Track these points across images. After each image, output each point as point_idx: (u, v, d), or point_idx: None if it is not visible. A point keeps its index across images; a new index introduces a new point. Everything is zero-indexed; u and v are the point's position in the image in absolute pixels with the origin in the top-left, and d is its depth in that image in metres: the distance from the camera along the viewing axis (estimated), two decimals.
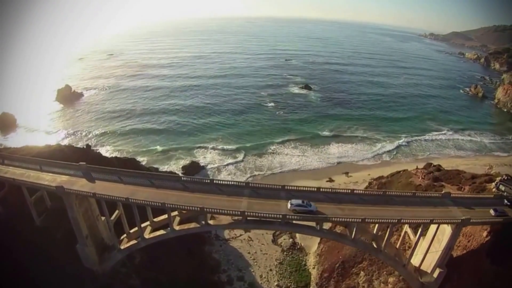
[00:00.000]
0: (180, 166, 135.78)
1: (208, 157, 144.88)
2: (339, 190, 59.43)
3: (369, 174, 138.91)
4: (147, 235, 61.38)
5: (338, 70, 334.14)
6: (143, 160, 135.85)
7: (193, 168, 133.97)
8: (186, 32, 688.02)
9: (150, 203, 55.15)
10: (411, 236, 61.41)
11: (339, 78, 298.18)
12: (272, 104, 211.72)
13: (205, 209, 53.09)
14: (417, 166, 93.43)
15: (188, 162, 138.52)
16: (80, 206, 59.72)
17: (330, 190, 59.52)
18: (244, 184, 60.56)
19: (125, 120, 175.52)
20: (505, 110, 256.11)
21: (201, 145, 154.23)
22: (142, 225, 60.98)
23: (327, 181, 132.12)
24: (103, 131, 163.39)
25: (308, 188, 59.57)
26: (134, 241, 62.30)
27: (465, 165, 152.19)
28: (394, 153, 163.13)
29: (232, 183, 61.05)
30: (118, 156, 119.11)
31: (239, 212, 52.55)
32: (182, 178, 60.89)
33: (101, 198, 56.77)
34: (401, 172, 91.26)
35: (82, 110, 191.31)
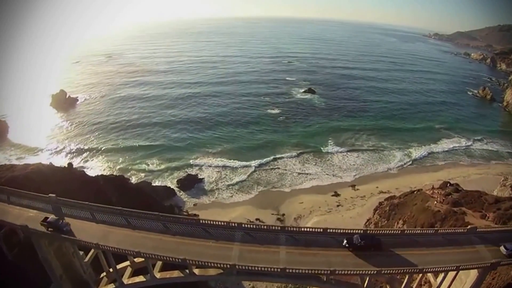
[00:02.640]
0: (175, 180, 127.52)
1: (206, 171, 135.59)
2: (349, 231, 50.64)
3: (377, 187, 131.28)
4: (126, 279, 52.90)
5: (342, 74, 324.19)
6: (135, 175, 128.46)
7: (189, 182, 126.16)
8: (186, 34, 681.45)
9: (123, 251, 46.80)
10: (432, 279, 53.04)
11: (343, 82, 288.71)
12: (275, 111, 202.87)
13: (187, 261, 44.65)
14: (433, 186, 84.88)
15: (183, 175, 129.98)
16: (50, 244, 52.32)
17: (340, 231, 50.64)
18: (236, 225, 51.39)
19: (117, 132, 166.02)
20: None
21: (199, 158, 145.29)
22: (122, 265, 53.57)
23: (332, 195, 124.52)
24: (92, 144, 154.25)
25: (313, 229, 50.83)
26: (112, 285, 54.15)
27: (478, 175, 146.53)
28: (403, 163, 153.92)
29: (222, 223, 52.20)
30: (104, 174, 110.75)
31: (228, 265, 44.06)
32: (161, 218, 52.17)
33: (69, 240, 49.53)
34: (415, 192, 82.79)
35: (74, 119, 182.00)
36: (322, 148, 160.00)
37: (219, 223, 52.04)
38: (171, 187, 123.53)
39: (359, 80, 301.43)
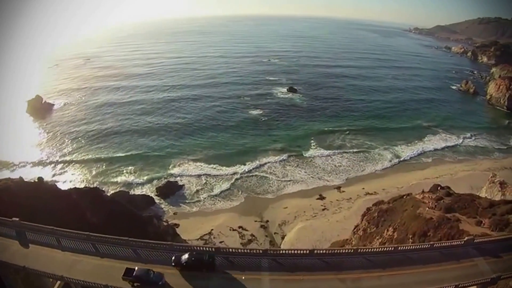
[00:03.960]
0: (155, 188, 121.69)
1: (186, 179, 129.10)
2: (338, 251, 46.04)
3: (363, 188, 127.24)
4: None
5: (325, 72, 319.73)
6: (111, 186, 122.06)
7: (169, 189, 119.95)
8: (166, 34, 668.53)
9: (91, 283, 41.56)
10: None
11: (326, 81, 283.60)
12: (256, 112, 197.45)
13: None
14: (423, 190, 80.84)
15: (163, 183, 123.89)
16: (17, 272, 47.12)
17: (326, 251, 45.84)
18: (213, 249, 46.51)
19: (93, 141, 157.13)
20: (498, 107, 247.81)
21: (179, 165, 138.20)
22: None
23: (317, 198, 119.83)
24: (66, 154, 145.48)
25: (298, 252, 46.07)
26: None
27: (466, 171, 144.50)
28: (389, 163, 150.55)
29: (199, 248, 47.18)
30: (78, 187, 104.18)
31: None
32: (132, 243, 46.95)
33: (33, 272, 44.05)
34: (405, 197, 78.59)
35: (49, 128, 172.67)
36: (305, 150, 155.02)
37: (195, 247, 46.90)
38: (150, 195, 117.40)
39: (342, 78, 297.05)
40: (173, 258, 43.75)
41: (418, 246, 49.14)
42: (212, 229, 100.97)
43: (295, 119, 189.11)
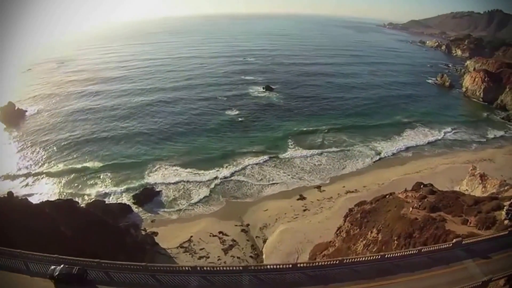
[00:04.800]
0: (131, 195, 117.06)
1: (164, 185, 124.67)
2: (322, 263, 43.24)
3: (343, 187, 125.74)
4: None
5: (301, 70, 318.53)
6: (86, 196, 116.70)
7: (146, 196, 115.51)
8: (141, 35, 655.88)
9: None
10: None
11: (302, 79, 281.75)
12: (233, 112, 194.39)
13: None
14: (405, 189, 78.83)
15: (139, 190, 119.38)
16: None
17: (310, 264, 42.96)
18: (190, 269, 42.74)
19: (66, 150, 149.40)
20: (474, 99, 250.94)
21: (156, 172, 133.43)
22: None
23: (298, 199, 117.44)
24: (38, 165, 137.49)
25: (281, 266, 43.09)
26: None
27: (445, 165, 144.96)
28: (369, 160, 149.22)
29: (174, 268, 43.50)
30: (50, 199, 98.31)
31: None
32: (104, 265, 43.08)
33: None
34: (388, 196, 76.42)
35: (20, 137, 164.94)
36: (284, 151, 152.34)
37: (170, 268, 43.22)
38: (127, 203, 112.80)
39: (319, 76, 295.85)
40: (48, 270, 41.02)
41: (405, 253, 46.91)
42: (191, 236, 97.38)
43: (272, 119, 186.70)
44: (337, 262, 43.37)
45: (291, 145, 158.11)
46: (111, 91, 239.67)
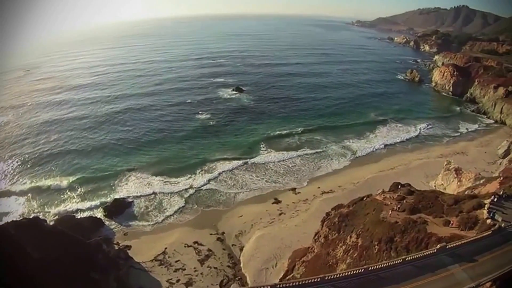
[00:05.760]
0: (102, 208, 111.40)
1: (136, 197, 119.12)
2: (302, 282, 39.95)
3: (318, 187, 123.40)
4: None
5: (272, 70, 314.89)
6: (53, 214, 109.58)
7: (117, 208, 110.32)
8: (110, 39, 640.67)
9: None
10: None
11: (273, 80, 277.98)
12: (204, 116, 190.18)
13: None
14: (383, 190, 76.74)
15: (110, 201, 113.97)
16: None
17: (289, 284, 39.56)
18: None
19: (31, 167, 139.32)
20: (444, 93, 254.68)
21: (127, 183, 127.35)
22: None
23: (273, 203, 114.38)
24: (5, 182, 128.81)
25: None
26: None
27: (419, 160, 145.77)
28: (343, 160, 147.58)
29: None
30: (15, 219, 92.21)
31: None
32: None
33: None
34: (365, 199, 74.12)
35: None
36: (256, 154, 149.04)
37: None
38: (98, 216, 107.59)
39: (290, 76, 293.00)
40: None
41: (390, 263, 44.19)
42: (166, 248, 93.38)
43: (244, 123, 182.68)
44: (318, 279, 40.20)
45: (264, 148, 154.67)
46: (79, 100, 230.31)
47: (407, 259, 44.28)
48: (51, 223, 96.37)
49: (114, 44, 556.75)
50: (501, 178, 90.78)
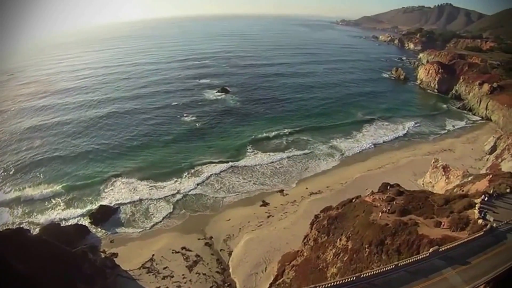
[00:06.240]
0: (87, 215, 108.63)
1: (121, 203, 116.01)
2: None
3: (306, 188, 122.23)
4: None
5: (258, 71, 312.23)
6: (37, 223, 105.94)
7: (103, 215, 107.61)
8: (95, 41, 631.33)
9: None
10: None
11: (259, 81, 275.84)
12: (190, 119, 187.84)
13: None
14: (372, 191, 75.53)
15: (96, 208, 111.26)
16: None
17: None
18: None
19: (14, 176, 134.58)
20: (429, 90, 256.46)
21: (112, 190, 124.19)
22: None
23: (261, 205, 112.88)
24: None
25: None
26: None
27: (406, 158, 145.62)
28: (331, 159, 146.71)
29: None
30: None
31: None
32: None
33: None
34: (354, 200, 72.99)
35: None
36: (243, 156, 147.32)
37: None
38: (84, 224, 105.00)
39: (276, 77, 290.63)
40: None
41: (382, 269, 42.94)
42: (153, 255, 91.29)
43: (230, 125, 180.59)
44: None
45: (251, 150, 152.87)
46: (63, 104, 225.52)
47: (399, 264, 43.14)
48: (36, 233, 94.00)
49: (99, 47, 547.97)
50: (490, 176, 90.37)
